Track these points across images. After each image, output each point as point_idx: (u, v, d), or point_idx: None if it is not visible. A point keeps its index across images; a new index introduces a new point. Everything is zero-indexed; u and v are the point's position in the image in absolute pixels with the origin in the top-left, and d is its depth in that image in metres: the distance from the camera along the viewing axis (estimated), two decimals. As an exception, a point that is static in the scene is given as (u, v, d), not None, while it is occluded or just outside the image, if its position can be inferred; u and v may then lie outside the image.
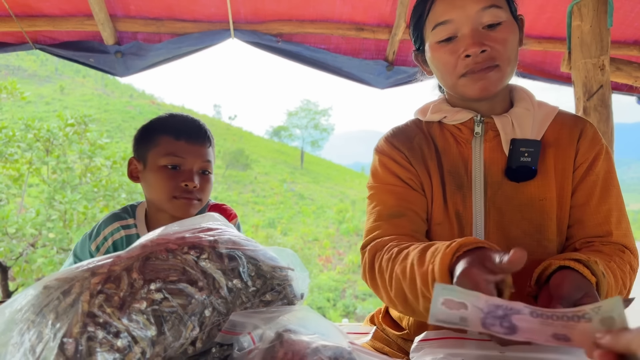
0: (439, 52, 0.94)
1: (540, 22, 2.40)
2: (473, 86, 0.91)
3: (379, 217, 0.98)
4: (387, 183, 1.01)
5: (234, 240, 0.69)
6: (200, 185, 1.21)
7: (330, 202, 28.80)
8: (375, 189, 1.03)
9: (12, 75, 32.88)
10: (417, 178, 1.00)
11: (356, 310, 15.75)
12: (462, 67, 0.91)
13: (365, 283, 0.96)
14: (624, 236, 0.94)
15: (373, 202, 1.02)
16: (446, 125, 1.04)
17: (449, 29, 0.91)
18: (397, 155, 1.03)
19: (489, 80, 0.90)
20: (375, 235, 0.96)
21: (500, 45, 0.89)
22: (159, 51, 2.43)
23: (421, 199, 0.99)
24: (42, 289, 0.58)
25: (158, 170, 1.20)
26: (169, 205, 1.20)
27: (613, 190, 0.96)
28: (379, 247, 0.92)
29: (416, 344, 0.72)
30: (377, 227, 0.97)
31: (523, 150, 0.94)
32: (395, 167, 1.02)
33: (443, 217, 0.98)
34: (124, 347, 0.53)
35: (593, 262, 0.77)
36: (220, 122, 47.61)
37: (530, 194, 0.95)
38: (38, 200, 9.32)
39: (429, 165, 1.01)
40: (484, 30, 0.90)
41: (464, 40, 0.90)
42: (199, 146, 1.23)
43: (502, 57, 0.90)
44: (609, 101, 1.92)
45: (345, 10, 2.40)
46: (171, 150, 1.20)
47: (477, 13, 0.89)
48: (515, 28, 0.94)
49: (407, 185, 1.00)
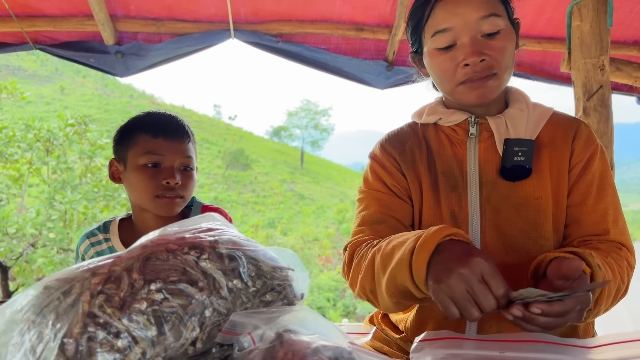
0: (437, 59, 0.95)
1: (540, 22, 2.40)
2: (471, 94, 0.93)
3: (363, 222, 1.02)
4: (374, 189, 1.05)
5: (234, 241, 0.69)
6: (182, 182, 1.20)
7: (330, 202, 28.80)
8: (364, 194, 1.07)
9: (12, 75, 32.88)
10: (404, 185, 1.04)
11: (356, 310, 15.75)
12: (461, 76, 0.92)
13: (345, 278, 1.01)
14: (621, 234, 0.95)
15: (360, 206, 1.06)
16: (441, 127, 1.05)
17: (448, 37, 0.92)
18: (387, 161, 1.06)
19: (487, 89, 0.92)
20: (356, 238, 1.00)
21: (498, 54, 0.91)
22: (159, 51, 2.43)
23: (405, 206, 1.03)
24: (42, 289, 0.58)
25: (138, 170, 1.18)
26: (152, 205, 1.19)
27: (609, 189, 0.97)
28: (358, 244, 0.97)
29: (416, 344, 0.72)
30: (360, 232, 1.01)
31: (516, 149, 0.95)
32: (383, 174, 1.05)
33: (435, 219, 0.99)
34: (124, 347, 0.54)
35: (588, 254, 0.79)
36: (220, 122, 47.59)
37: (526, 192, 0.96)
38: (38, 200, 9.33)
39: (419, 170, 1.03)
40: (482, 39, 0.91)
41: (463, 49, 0.91)
42: (178, 142, 1.21)
43: (500, 65, 0.91)
44: (608, 101, 1.92)
45: (345, 11, 2.40)
46: (150, 148, 1.18)
47: (476, 22, 0.89)
48: (513, 35, 0.95)
49: (392, 192, 1.03)
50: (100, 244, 1.28)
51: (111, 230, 1.29)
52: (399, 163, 1.05)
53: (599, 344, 0.67)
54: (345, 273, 0.99)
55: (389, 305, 0.86)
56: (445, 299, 0.70)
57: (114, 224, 1.31)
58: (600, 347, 0.67)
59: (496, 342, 0.69)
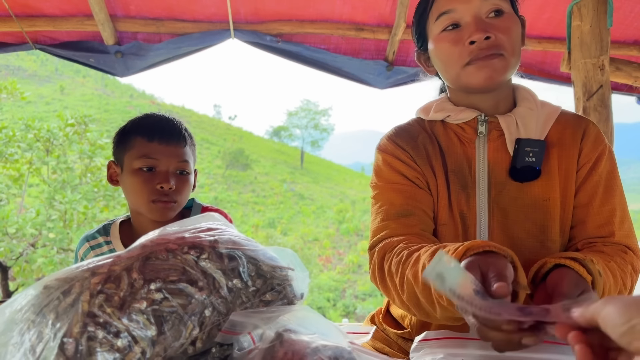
0: (443, 42, 0.94)
1: (540, 22, 2.40)
2: (478, 74, 0.91)
3: (387, 216, 0.96)
4: (393, 182, 0.99)
5: (234, 240, 0.69)
6: (176, 187, 1.18)
7: (330, 202, 28.79)
8: (380, 188, 1.01)
9: (12, 75, 32.85)
10: (423, 177, 0.99)
11: (356, 310, 15.75)
12: (467, 55, 0.91)
13: (375, 285, 0.94)
14: (627, 237, 0.93)
15: (379, 201, 1.00)
16: (449, 125, 1.02)
17: (452, 18, 0.92)
18: (401, 153, 1.01)
19: (493, 68, 0.90)
20: (383, 235, 0.94)
21: (503, 33, 0.90)
22: (159, 51, 2.43)
23: (428, 197, 0.98)
24: (42, 289, 0.58)
25: (134, 174, 1.18)
26: (147, 209, 1.19)
27: (616, 190, 0.96)
28: (387, 249, 0.90)
29: (416, 344, 0.72)
30: (385, 227, 0.94)
31: (528, 150, 0.93)
32: (400, 166, 1.00)
33: (448, 218, 0.97)
34: (124, 347, 0.54)
35: (589, 260, 0.77)
36: (220, 122, 47.57)
37: (534, 194, 0.95)
38: (38, 200, 9.33)
39: (433, 165, 0.99)
40: (487, 19, 0.91)
41: (467, 28, 0.91)
42: (173, 146, 1.20)
43: (506, 45, 0.90)
44: (608, 101, 1.92)
45: (345, 10, 2.40)
46: (145, 152, 1.17)
47: (480, 2, 0.90)
48: (518, 22, 0.94)
49: (414, 183, 0.98)
50: (100, 247, 1.27)
51: (112, 233, 1.28)
52: (413, 157, 1.00)
53: (599, 343, 0.67)
54: (376, 280, 0.93)
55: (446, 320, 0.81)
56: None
57: (114, 226, 1.30)
58: (600, 347, 0.67)
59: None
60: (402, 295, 0.84)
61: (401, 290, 0.84)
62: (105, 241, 1.27)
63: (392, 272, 0.86)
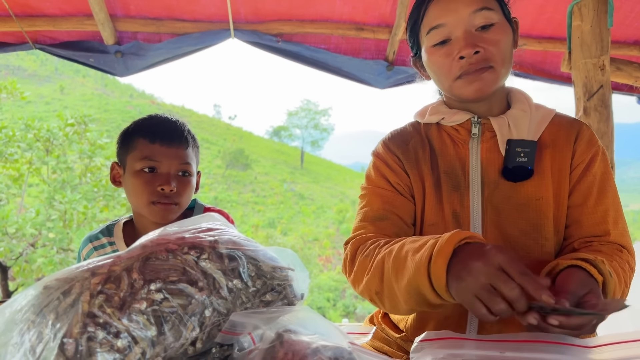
0: (434, 56, 0.96)
1: (540, 22, 2.40)
2: (468, 87, 0.94)
3: (365, 218, 1.02)
4: (377, 186, 1.05)
5: (234, 241, 0.69)
6: (178, 189, 1.18)
7: (330, 202, 28.81)
8: (366, 190, 1.07)
9: (12, 75, 32.85)
10: (407, 183, 1.04)
11: (356, 310, 15.75)
12: (457, 69, 0.93)
13: (345, 275, 1.00)
14: (621, 236, 0.95)
15: (362, 202, 1.06)
16: (444, 127, 1.06)
17: (442, 33, 0.94)
18: (390, 159, 1.06)
19: (483, 81, 0.92)
20: (358, 234, 0.99)
21: (493, 46, 0.91)
22: (159, 51, 2.43)
23: (407, 204, 1.02)
24: (42, 289, 0.58)
25: (135, 175, 1.18)
26: (147, 211, 1.18)
27: (610, 190, 0.98)
28: (362, 242, 0.96)
29: (416, 344, 0.72)
30: (362, 227, 1.01)
31: (519, 150, 0.95)
32: (386, 172, 1.05)
33: (437, 218, 1.00)
34: (124, 347, 0.53)
35: (600, 261, 0.80)
36: (220, 122, 47.59)
37: (527, 193, 0.96)
38: (38, 200, 9.33)
39: (422, 168, 1.03)
40: (476, 32, 0.92)
41: (457, 42, 0.92)
42: (175, 148, 1.19)
43: (495, 58, 0.92)
44: (609, 101, 1.92)
45: (345, 10, 2.40)
46: (146, 153, 1.17)
47: (469, 16, 0.91)
48: (509, 29, 0.95)
49: (395, 189, 1.03)
50: (104, 248, 1.26)
51: (115, 234, 1.28)
52: (402, 161, 1.05)
53: (599, 343, 0.67)
54: (346, 269, 0.98)
55: (399, 309, 0.86)
56: (469, 297, 0.69)
57: (117, 227, 1.29)
58: (600, 347, 0.67)
59: (496, 342, 0.69)
60: (366, 275, 0.89)
61: (368, 269, 0.88)
62: (108, 242, 1.27)
63: (366, 254, 0.91)
